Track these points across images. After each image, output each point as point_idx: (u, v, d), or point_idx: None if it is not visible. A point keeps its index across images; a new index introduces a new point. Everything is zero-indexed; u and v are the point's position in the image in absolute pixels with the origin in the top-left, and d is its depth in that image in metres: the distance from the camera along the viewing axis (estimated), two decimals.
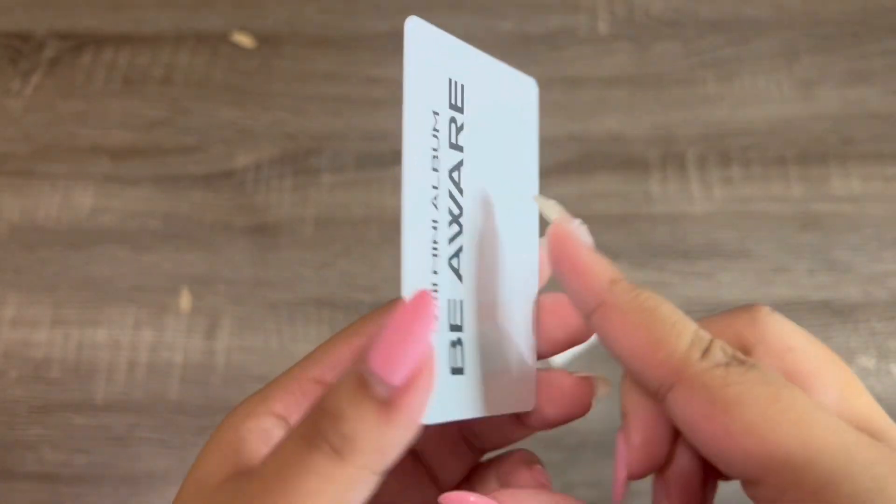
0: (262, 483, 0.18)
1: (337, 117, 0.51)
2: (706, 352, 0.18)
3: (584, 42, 0.53)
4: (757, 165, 0.49)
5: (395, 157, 0.50)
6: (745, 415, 0.17)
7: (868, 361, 0.44)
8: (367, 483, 0.17)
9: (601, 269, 0.20)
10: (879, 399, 0.20)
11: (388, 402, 0.17)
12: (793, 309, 0.45)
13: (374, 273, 0.46)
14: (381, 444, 0.17)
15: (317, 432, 0.17)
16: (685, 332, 0.18)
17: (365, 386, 0.17)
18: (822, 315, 0.45)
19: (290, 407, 0.20)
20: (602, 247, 0.21)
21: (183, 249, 0.47)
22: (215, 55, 0.52)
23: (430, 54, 0.21)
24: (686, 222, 0.48)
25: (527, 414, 0.23)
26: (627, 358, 0.19)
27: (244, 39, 0.53)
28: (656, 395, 0.19)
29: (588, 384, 0.22)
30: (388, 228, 0.48)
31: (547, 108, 0.52)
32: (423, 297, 0.17)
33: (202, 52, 0.52)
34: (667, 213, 0.48)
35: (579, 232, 0.21)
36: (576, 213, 0.22)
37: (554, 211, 0.21)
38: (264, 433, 0.20)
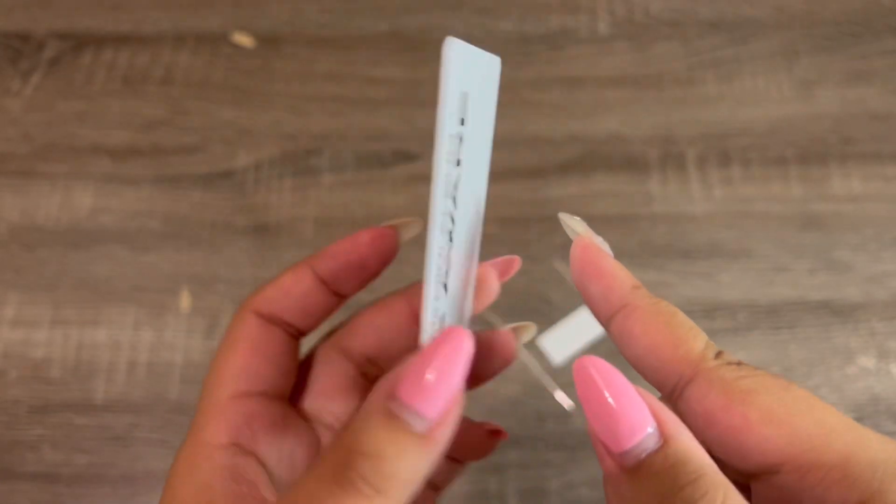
0: None
1: (337, 117, 0.51)
2: (718, 354, 0.19)
3: (584, 42, 0.53)
4: (757, 165, 0.49)
5: (394, 157, 0.50)
6: (762, 402, 0.18)
7: (868, 361, 0.44)
8: None
9: (624, 276, 0.21)
10: (879, 399, 0.21)
11: (424, 436, 0.18)
12: (793, 309, 0.45)
13: None
14: (416, 477, 0.18)
15: (355, 474, 0.17)
16: (700, 336, 0.20)
17: (399, 422, 0.18)
18: (822, 315, 0.45)
19: (233, 431, 0.22)
20: None
21: (183, 249, 0.47)
22: (215, 55, 0.52)
23: (462, 75, 0.20)
24: (686, 222, 0.48)
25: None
26: (647, 355, 0.19)
27: (244, 39, 0.53)
28: (672, 393, 0.19)
29: (509, 336, 0.24)
30: None
31: (547, 109, 0.52)
32: (458, 334, 0.18)
33: (202, 52, 0.52)
34: (667, 213, 0.48)
35: (602, 245, 0.22)
36: (576, 214, 0.22)
37: (580, 227, 0.22)
38: (228, 471, 0.21)
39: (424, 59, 0.52)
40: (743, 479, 0.19)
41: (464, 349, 0.18)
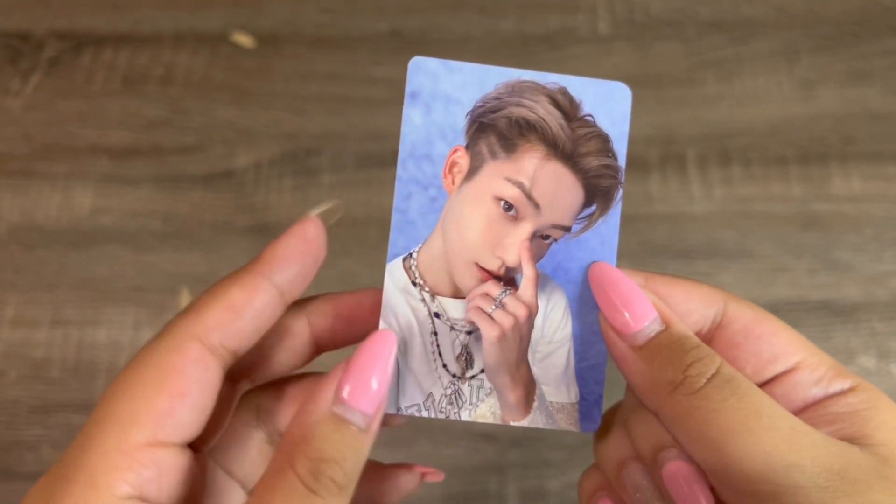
0: None
1: (337, 117, 0.51)
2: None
3: (584, 42, 0.53)
4: (757, 165, 0.49)
5: (394, 157, 0.50)
6: (777, 318, 0.23)
7: (868, 361, 0.44)
8: None
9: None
10: None
11: (366, 430, 0.20)
12: (793, 309, 0.45)
13: (374, 273, 0.46)
14: (360, 468, 0.20)
15: (325, 479, 0.19)
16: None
17: (347, 424, 0.20)
18: (822, 315, 0.45)
19: (141, 484, 0.19)
20: None
21: (183, 249, 0.47)
22: (215, 55, 0.52)
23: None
24: (686, 222, 0.47)
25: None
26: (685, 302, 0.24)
27: (244, 39, 0.53)
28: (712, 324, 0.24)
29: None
30: (388, 228, 0.47)
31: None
32: (384, 337, 0.20)
33: (202, 52, 0.52)
34: (667, 213, 0.48)
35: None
36: None
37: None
38: None
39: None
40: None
41: (391, 349, 0.20)
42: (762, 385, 0.23)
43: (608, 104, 0.24)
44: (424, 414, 0.24)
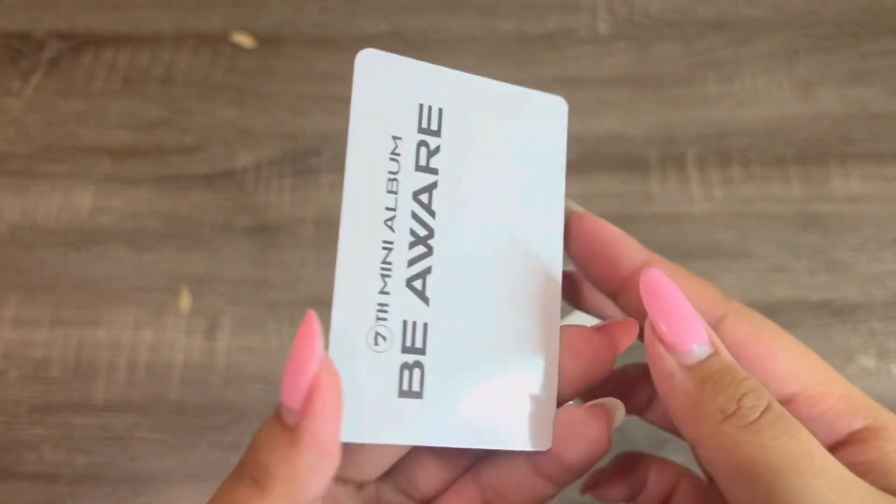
0: None
1: (337, 117, 0.51)
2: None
3: (584, 42, 0.53)
4: (757, 165, 0.49)
5: None
6: (784, 338, 0.22)
7: (868, 361, 0.44)
8: None
9: (633, 242, 0.22)
10: (879, 399, 0.21)
11: (294, 427, 0.18)
12: (793, 309, 0.45)
13: None
14: (293, 470, 0.18)
15: (240, 466, 0.18)
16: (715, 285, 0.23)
17: (278, 416, 0.18)
18: (821, 315, 0.45)
19: None
20: None
21: (183, 249, 0.47)
22: (215, 55, 0.52)
23: (389, 83, 0.21)
24: (686, 222, 0.48)
25: (541, 459, 0.22)
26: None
27: (244, 39, 0.53)
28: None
29: (603, 414, 0.22)
30: None
31: None
32: (307, 320, 0.18)
33: (202, 52, 0.52)
34: (666, 214, 0.48)
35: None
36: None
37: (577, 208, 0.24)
38: None
39: (424, 59, 0.52)
40: None
41: (313, 332, 0.18)
42: None
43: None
44: None
